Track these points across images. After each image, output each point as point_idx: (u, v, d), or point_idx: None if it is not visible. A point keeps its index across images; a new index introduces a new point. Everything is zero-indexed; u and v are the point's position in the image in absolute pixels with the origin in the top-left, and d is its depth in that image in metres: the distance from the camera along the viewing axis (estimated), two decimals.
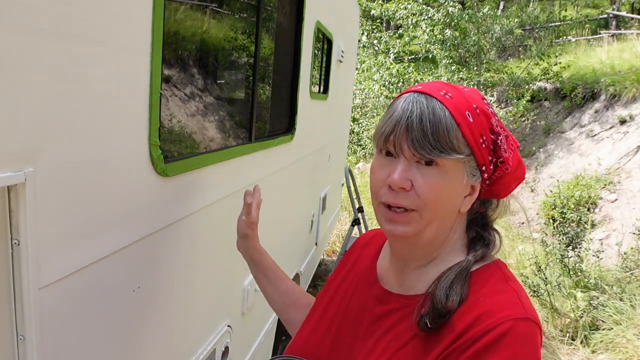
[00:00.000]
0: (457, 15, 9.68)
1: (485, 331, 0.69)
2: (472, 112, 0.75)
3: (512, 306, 0.72)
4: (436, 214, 0.75)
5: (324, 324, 0.93)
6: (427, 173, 0.73)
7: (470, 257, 0.78)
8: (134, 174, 1.07)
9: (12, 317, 0.79)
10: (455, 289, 0.73)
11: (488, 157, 0.77)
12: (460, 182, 0.76)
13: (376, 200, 0.78)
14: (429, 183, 0.73)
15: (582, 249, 5.10)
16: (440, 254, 0.82)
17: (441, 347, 0.72)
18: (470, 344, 0.69)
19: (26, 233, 0.76)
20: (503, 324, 0.68)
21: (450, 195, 0.76)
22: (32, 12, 0.72)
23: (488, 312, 0.71)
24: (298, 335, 0.96)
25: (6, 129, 0.70)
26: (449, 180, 0.74)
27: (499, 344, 0.67)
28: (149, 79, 1.07)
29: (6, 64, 0.69)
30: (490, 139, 0.77)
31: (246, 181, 1.88)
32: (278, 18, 2.24)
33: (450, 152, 0.72)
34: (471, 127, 0.74)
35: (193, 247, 1.46)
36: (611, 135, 8.07)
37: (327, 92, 3.85)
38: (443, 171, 0.74)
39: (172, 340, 1.40)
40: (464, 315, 0.72)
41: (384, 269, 0.91)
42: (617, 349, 3.99)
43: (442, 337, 0.73)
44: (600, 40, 12.51)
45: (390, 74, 10.89)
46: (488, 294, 0.74)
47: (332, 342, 0.89)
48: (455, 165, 0.74)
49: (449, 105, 0.74)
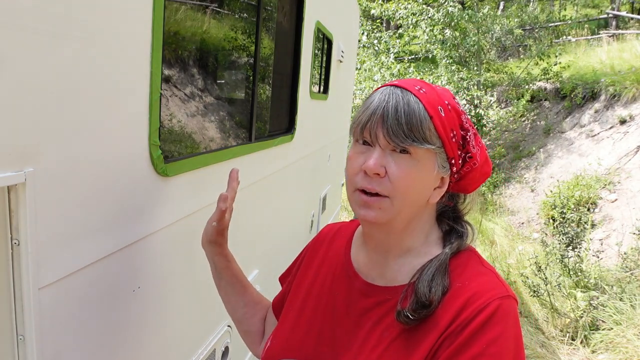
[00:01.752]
0: (457, 15, 9.69)
1: (476, 312, 0.74)
2: (444, 107, 0.80)
3: (495, 286, 0.79)
4: (406, 201, 0.79)
5: (303, 323, 0.92)
6: (400, 161, 0.78)
7: (447, 250, 0.83)
8: (134, 174, 1.07)
9: (12, 317, 0.79)
10: (436, 281, 0.78)
11: (457, 151, 0.82)
12: (430, 173, 0.80)
13: (352, 187, 0.82)
14: (401, 170, 0.77)
15: (582, 249, 5.10)
16: (416, 245, 0.86)
17: (436, 333, 0.76)
18: (464, 326, 0.74)
19: (26, 233, 0.76)
20: (491, 303, 0.75)
21: (421, 185, 0.80)
22: (32, 12, 0.72)
23: (476, 294, 0.76)
24: (276, 337, 0.94)
25: (6, 129, 0.70)
26: (420, 169, 0.78)
27: (490, 322, 0.74)
28: (149, 79, 1.07)
29: (6, 63, 0.69)
30: (460, 134, 0.82)
31: (246, 181, 1.88)
32: (278, 18, 2.24)
33: (423, 142, 0.76)
34: (442, 121, 0.79)
35: (193, 247, 1.46)
36: (611, 135, 8.07)
37: (327, 92, 3.85)
38: (415, 160, 0.78)
39: (172, 340, 1.40)
40: (454, 300, 0.77)
41: (361, 262, 0.92)
42: (617, 349, 3.99)
43: (436, 323, 0.77)
44: (600, 40, 12.52)
45: (391, 73, 10.90)
46: (471, 278, 0.80)
47: (315, 339, 0.89)
48: (426, 155, 0.78)
49: (422, 98, 0.78)
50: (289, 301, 1.00)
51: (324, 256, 1.00)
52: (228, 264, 1.09)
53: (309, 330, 0.90)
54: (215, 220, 1.03)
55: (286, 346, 0.91)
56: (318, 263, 1.00)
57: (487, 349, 0.72)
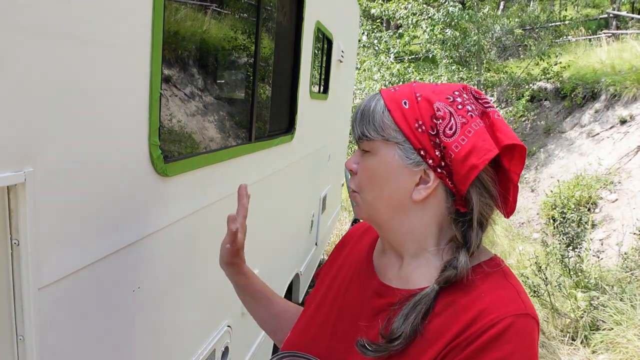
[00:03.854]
0: (457, 15, 9.68)
1: (486, 328, 0.70)
2: (410, 99, 0.80)
3: (512, 302, 0.73)
4: (374, 194, 0.83)
5: (320, 317, 0.93)
6: (363, 158, 0.85)
7: (435, 286, 0.77)
8: (134, 174, 1.07)
9: (12, 317, 0.79)
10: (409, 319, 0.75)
11: (429, 142, 0.77)
12: (393, 165, 0.80)
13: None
14: (362, 165, 0.85)
15: (583, 249, 5.10)
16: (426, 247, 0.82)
17: (442, 342, 0.73)
18: (470, 341, 0.70)
19: (26, 233, 0.76)
20: (503, 320, 0.69)
21: (386, 178, 0.81)
22: (32, 12, 0.72)
23: (488, 309, 0.71)
24: (294, 330, 0.97)
25: (6, 129, 0.70)
26: (380, 163, 0.82)
27: (499, 340, 0.68)
28: (149, 79, 1.07)
29: (6, 63, 0.68)
30: (429, 124, 0.77)
31: (246, 181, 1.88)
32: (278, 18, 2.24)
33: (374, 135, 0.81)
34: (404, 112, 0.79)
35: (193, 247, 1.46)
36: (611, 135, 8.07)
37: (327, 92, 3.85)
38: (373, 155, 0.83)
39: (172, 341, 1.40)
40: (466, 312, 0.73)
41: (381, 262, 0.92)
42: (617, 349, 3.99)
43: (444, 332, 0.73)
44: (600, 40, 12.51)
45: (391, 73, 10.89)
46: (488, 291, 0.75)
47: (330, 334, 0.89)
48: (385, 149, 0.81)
49: (386, 96, 0.83)
50: (310, 296, 1.03)
51: (348, 254, 1.02)
52: (249, 281, 1.08)
53: (324, 325, 0.91)
54: (229, 242, 1.00)
55: (299, 340, 0.92)
56: (342, 260, 1.02)
57: None
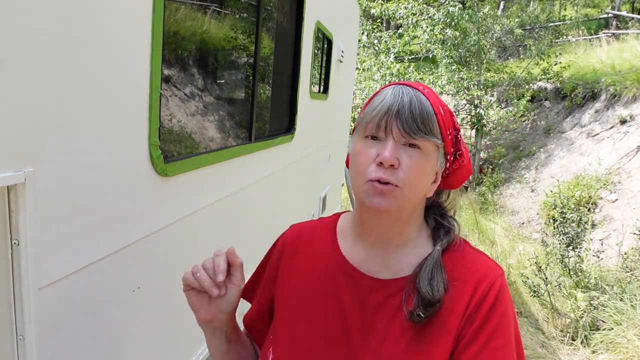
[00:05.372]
0: (457, 14, 9.67)
1: (487, 291, 0.84)
2: (442, 106, 0.88)
3: (492, 266, 0.89)
4: (414, 192, 0.85)
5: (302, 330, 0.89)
6: (412, 153, 0.83)
7: (439, 247, 0.88)
8: (134, 174, 1.07)
9: (12, 317, 0.79)
10: (437, 279, 0.84)
11: (451, 149, 0.89)
12: (434, 166, 0.87)
13: (363, 179, 0.84)
14: (413, 162, 0.83)
15: (583, 249, 5.10)
16: (412, 237, 0.91)
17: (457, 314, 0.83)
18: (479, 304, 0.83)
19: (26, 233, 0.76)
20: (495, 282, 0.85)
21: (427, 177, 0.86)
22: (32, 12, 0.72)
23: (482, 276, 0.86)
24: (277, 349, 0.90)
25: (6, 129, 0.70)
26: (427, 162, 0.84)
27: (499, 298, 0.84)
28: (149, 79, 1.07)
29: (6, 64, 0.69)
30: (453, 132, 0.89)
31: (246, 181, 1.88)
32: (278, 18, 2.24)
33: (431, 135, 0.83)
34: (443, 118, 0.86)
35: (193, 247, 1.46)
36: (611, 135, 8.07)
37: (327, 92, 3.85)
38: (424, 153, 0.83)
39: (172, 340, 1.40)
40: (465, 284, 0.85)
41: (359, 258, 0.91)
42: (617, 349, 3.99)
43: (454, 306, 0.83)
44: (600, 40, 12.51)
45: (391, 73, 10.89)
46: (472, 261, 0.89)
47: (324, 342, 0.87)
48: (433, 149, 0.85)
49: (429, 96, 0.86)
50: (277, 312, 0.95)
51: (307, 259, 0.96)
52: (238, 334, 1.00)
53: (315, 335, 0.88)
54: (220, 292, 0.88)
55: (292, 354, 0.89)
56: (302, 267, 0.95)
57: (501, 321, 0.83)
